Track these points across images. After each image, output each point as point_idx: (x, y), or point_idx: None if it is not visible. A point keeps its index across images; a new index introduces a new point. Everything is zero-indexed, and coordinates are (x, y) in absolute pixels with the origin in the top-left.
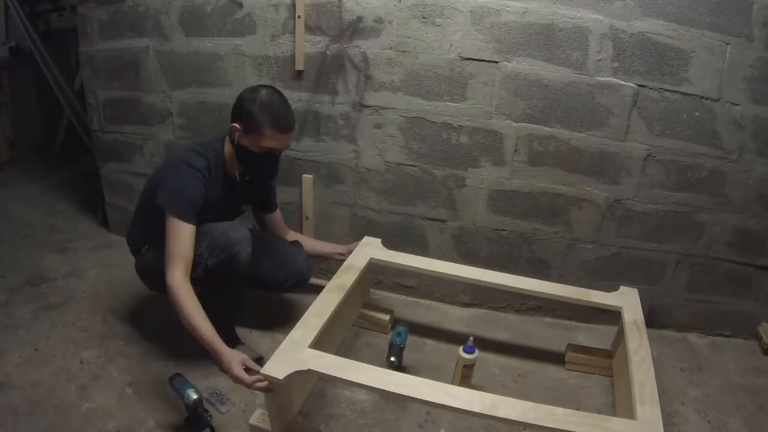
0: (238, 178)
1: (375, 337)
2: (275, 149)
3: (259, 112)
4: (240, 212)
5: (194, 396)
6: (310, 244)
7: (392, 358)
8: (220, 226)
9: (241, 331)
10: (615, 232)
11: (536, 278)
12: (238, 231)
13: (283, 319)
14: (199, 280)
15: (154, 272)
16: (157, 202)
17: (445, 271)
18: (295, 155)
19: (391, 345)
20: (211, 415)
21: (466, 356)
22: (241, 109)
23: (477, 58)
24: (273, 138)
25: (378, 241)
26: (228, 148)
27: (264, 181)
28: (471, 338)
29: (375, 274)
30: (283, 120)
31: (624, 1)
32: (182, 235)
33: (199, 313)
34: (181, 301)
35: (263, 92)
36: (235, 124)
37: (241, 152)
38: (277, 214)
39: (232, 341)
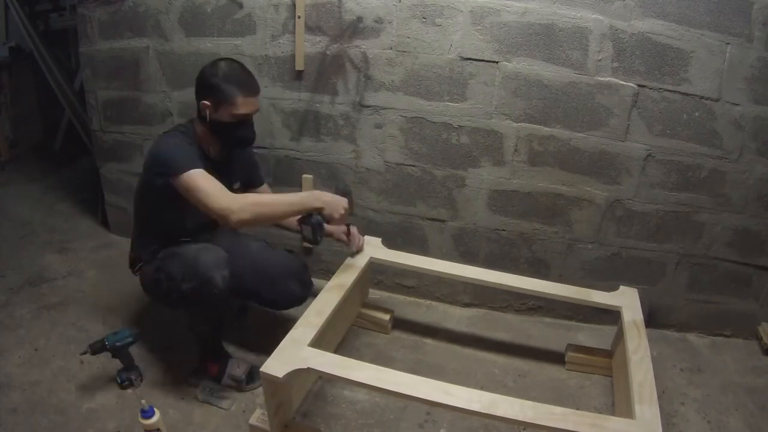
0: (212, 154)
1: (375, 337)
2: (248, 114)
3: (225, 83)
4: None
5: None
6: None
7: (86, 348)
8: (192, 248)
9: (241, 334)
10: (615, 232)
11: (536, 278)
12: (210, 253)
13: (282, 320)
14: (176, 305)
15: (156, 285)
16: (156, 180)
17: (445, 271)
18: (295, 155)
19: (102, 338)
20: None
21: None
22: (206, 86)
23: (477, 58)
24: (244, 104)
25: (378, 240)
26: (199, 128)
27: (243, 147)
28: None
29: (375, 274)
30: (250, 85)
31: (624, 1)
32: (203, 177)
33: (274, 197)
34: (254, 207)
35: (222, 64)
36: (205, 102)
37: (216, 127)
38: (265, 189)
39: (220, 356)
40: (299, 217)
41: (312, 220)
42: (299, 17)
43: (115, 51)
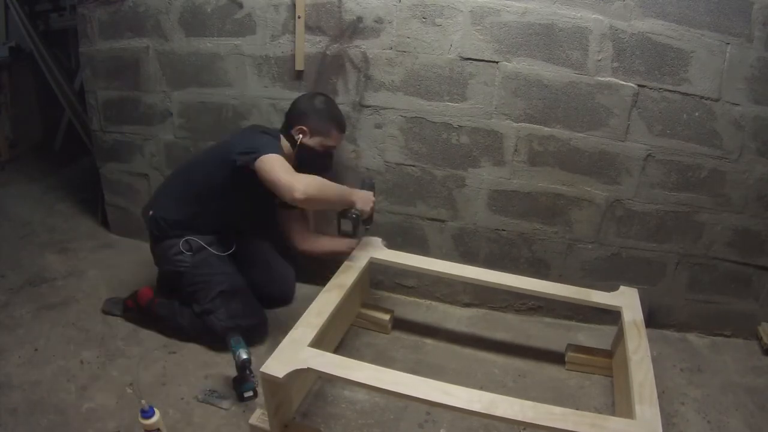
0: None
1: (375, 337)
2: (334, 148)
3: (326, 116)
4: (266, 208)
5: (244, 356)
6: (328, 243)
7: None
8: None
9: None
10: (615, 232)
11: (536, 278)
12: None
13: (283, 318)
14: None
15: (202, 331)
16: (238, 159)
17: (445, 271)
18: None
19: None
20: (255, 377)
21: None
22: (305, 114)
23: (477, 58)
24: (336, 138)
25: (378, 240)
26: (284, 143)
27: (321, 174)
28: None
29: (375, 274)
30: (344, 123)
31: (624, 1)
32: (281, 160)
33: (331, 183)
34: (321, 186)
35: (324, 98)
36: (302, 127)
37: (304, 151)
38: (300, 213)
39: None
40: (339, 211)
41: (351, 214)
42: (299, 17)
43: (115, 51)
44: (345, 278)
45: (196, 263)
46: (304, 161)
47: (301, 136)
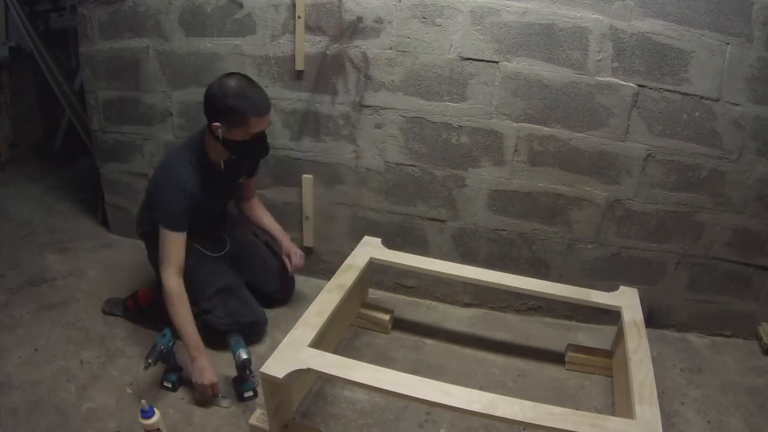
0: (222, 166)
1: (375, 337)
2: (262, 132)
3: (237, 104)
4: (231, 194)
5: (244, 356)
6: (267, 221)
7: (149, 360)
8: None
9: None
10: (615, 232)
11: (536, 278)
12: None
13: (283, 318)
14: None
15: (202, 331)
16: (154, 218)
17: (445, 271)
18: (295, 155)
19: (153, 346)
20: (255, 377)
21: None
22: (216, 107)
23: (477, 58)
24: (258, 123)
25: (378, 240)
26: (211, 142)
27: (258, 159)
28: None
29: (375, 274)
30: (262, 103)
31: (624, 1)
32: (174, 243)
33: (190, 318)
34: (177, 306)
35: (231, 83)
36: (216, 123)
37: (230, 145)
38: (251, 181)
39: None
40: None
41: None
42: (299, 17)
43: (115, 51)
44: (345, 278)
45: (190, 266)
46: (236, 153)
47: (220, 131)
